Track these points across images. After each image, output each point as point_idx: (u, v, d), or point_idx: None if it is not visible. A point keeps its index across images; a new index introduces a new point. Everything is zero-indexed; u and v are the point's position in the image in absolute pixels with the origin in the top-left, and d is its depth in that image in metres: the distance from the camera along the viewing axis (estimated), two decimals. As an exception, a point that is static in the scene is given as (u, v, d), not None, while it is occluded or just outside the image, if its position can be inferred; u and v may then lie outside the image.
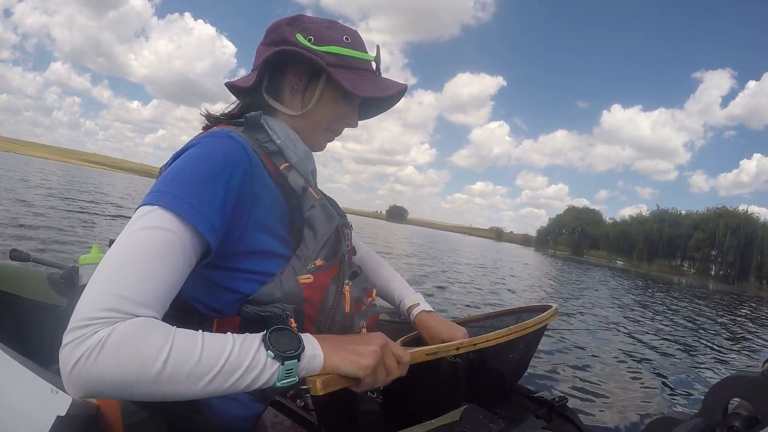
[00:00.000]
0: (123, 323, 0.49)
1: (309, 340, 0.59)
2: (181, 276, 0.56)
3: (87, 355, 0.46)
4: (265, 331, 0.57)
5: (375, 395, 0.95)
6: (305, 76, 0.74)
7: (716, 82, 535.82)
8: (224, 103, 0.81)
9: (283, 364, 0.55)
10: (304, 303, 0.65)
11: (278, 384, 0.55)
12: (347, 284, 0.70)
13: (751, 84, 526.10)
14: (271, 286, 0.64)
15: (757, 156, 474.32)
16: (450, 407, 0.77)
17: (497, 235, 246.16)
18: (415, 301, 0.96)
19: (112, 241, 1.38)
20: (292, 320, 0.63)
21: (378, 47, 0.77)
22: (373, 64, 0.78)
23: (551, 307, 0.98)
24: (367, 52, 0.77)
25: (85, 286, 0.65)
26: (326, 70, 0.70)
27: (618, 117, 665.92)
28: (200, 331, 0.53)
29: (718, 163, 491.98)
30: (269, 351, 0.54)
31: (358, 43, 0.76)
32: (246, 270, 0.65)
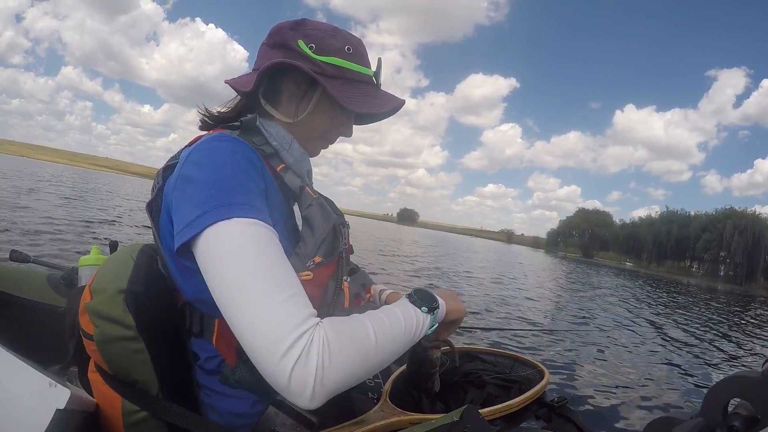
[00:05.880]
0: (323, 323, 0.55)
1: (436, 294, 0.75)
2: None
3: (322, 363, 0.51)
4: (409, 294, 0.72)
5: (373, 395, 1.01)
6: (303, 85, 0.75)
7: (730, 80, 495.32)
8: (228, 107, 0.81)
9: (432, 314, 0.70)
10: None
11: (429, 331, 0.70)
12: (346, 280, 0.73)
13: (766, 82, 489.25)
14: None
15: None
16: (447, 408, 0.82)
17: (508, 237, 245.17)
18: (381, 288, 0.99)
19: (112, 243, 1.35)
20: None
21: (379, 60, 0.79)
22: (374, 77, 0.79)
23: (542, 371, 1.09)
24: (368, 64, 0.78)
25: (84, 287, 0.70)
26: (322, 84, 0.71)
27: (631, 117, 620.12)
28: (365, 312, 0.63)
29: (732, 163, 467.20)
30: (423, 307, 0.69)
31: (359, 54, 0.76)
32: None
